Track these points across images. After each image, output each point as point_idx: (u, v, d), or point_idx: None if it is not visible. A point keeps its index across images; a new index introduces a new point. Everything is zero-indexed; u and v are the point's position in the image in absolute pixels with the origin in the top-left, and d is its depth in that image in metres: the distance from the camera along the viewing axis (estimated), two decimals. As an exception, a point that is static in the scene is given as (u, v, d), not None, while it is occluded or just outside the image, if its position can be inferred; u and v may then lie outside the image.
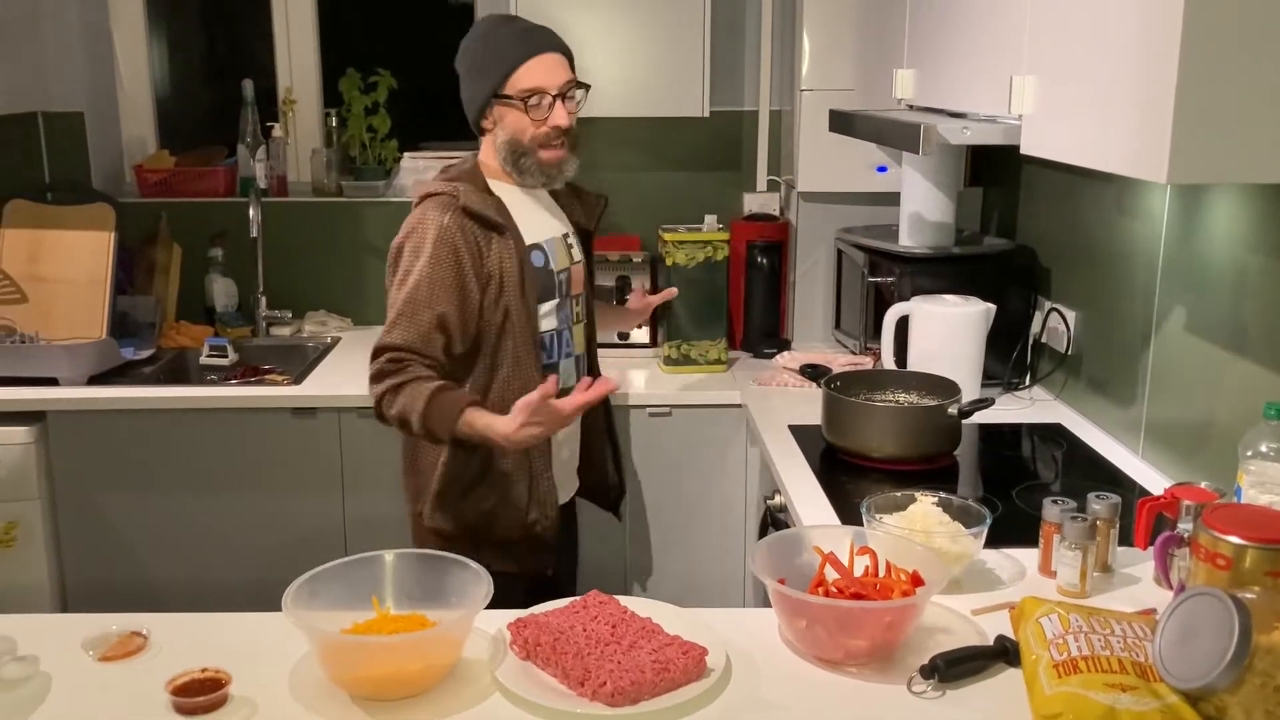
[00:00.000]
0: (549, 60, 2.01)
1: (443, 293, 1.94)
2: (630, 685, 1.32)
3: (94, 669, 1.43)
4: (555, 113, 2.01)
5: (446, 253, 1.94)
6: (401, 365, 1.93)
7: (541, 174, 2.05)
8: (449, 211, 1.96)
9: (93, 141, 3.28)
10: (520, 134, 2.02)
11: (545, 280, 2.07)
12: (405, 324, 1.94)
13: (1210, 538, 1.42)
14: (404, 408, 1.91)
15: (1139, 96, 1.42)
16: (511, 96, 2.00)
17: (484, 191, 2.02)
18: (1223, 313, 1.91)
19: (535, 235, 2.07)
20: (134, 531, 2.80)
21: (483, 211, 1.97)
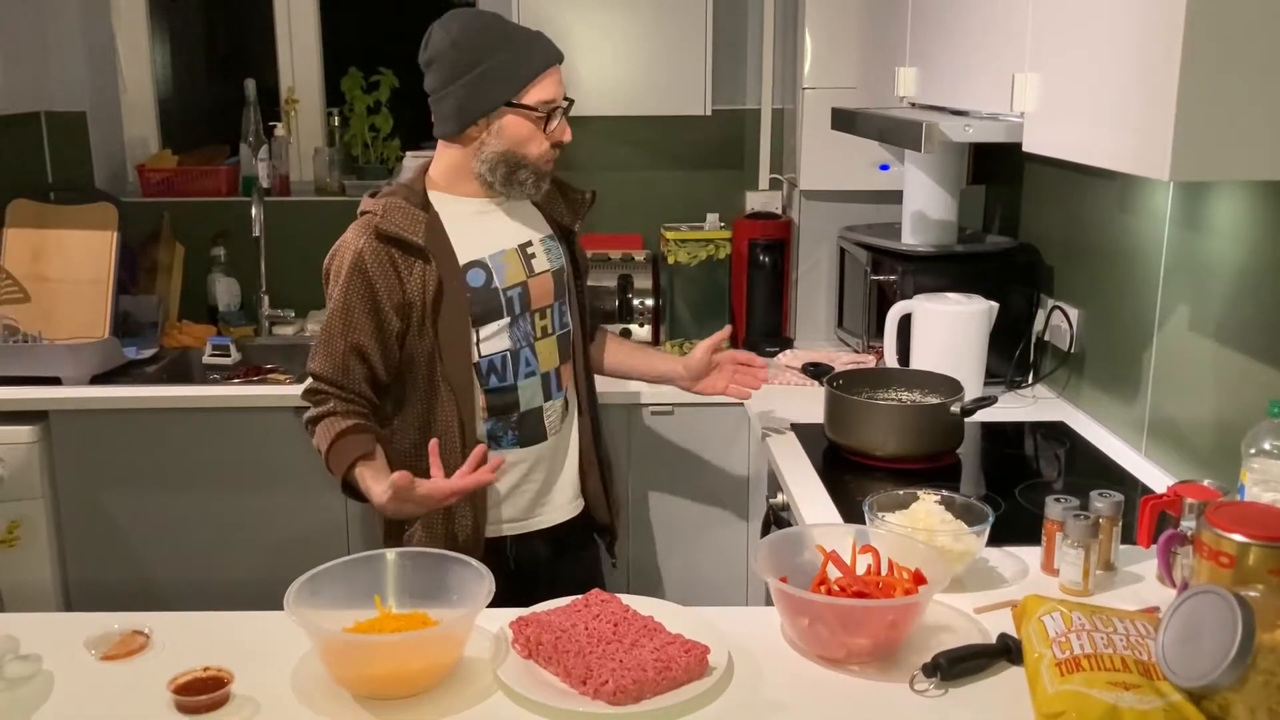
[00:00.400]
0: (558, 71, 1.93)
1: (356, 321, 1.86)
2: (632, 684, 1.32)
3: (96, 668, 1.43)
4: (562, 126, 1.93)
5: (359, 281, 1.86)
6: (320, 399, 1.90)
7: (533, 187, 1.94)
8: (364, 235, 1.86)
9: (95, 141, 3.28)
10: (522, 145, 1.89)
11: (486, 300, 1.91)
12: (323, 352, 1.89)
13: (1213, 535, 1.42)
14: (317, 443, 1.91)
15: (1141, 94, 1.41)
16: (531, 107, 1.88)
17: (419, 207, 1.89)
18: (1226, 310, 1.91)
19: (476, 251, 1.92)
20: (137, 530, 2.80)
21: (400, 234, 1.85)
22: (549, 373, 2.00)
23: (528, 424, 1.99)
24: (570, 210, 2.08)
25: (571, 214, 2.08)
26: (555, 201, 2.06)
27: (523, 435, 1.99)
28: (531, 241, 1.99)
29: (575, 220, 2.08)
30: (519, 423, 1.98)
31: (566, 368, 2.05)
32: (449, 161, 1.94)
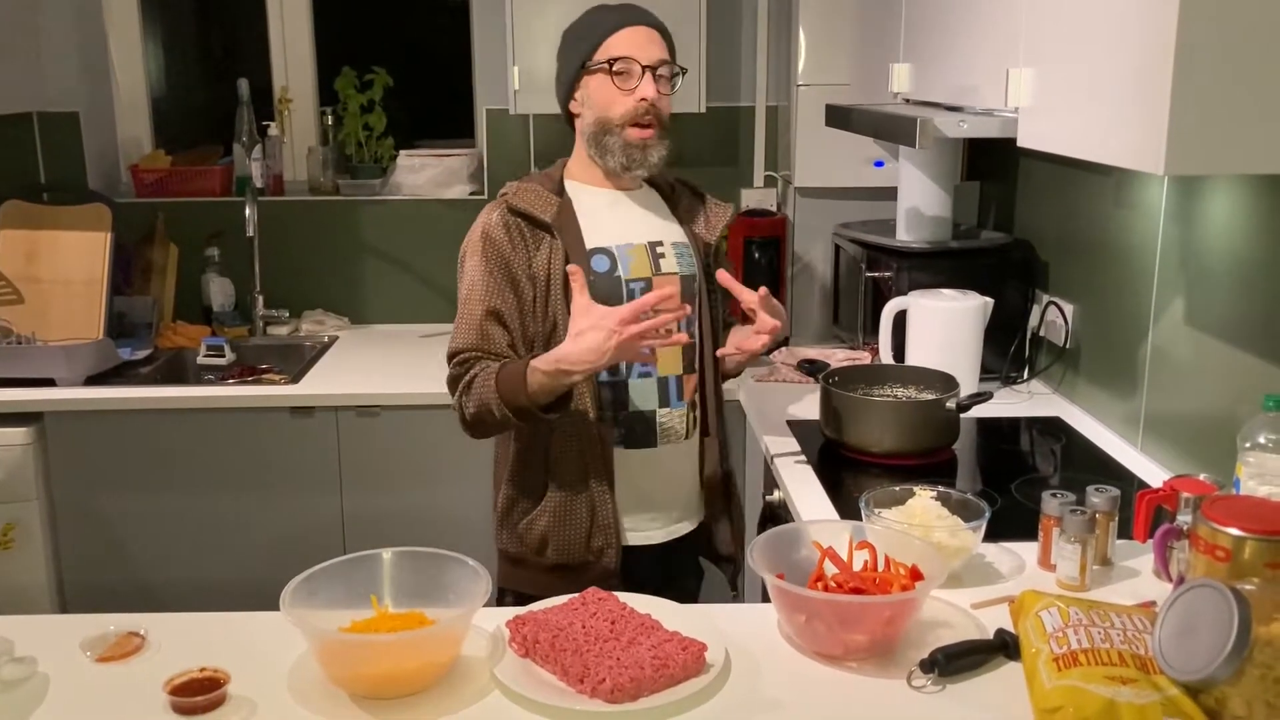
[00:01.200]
0: (642, 32, 1.88)
1: (491, 288, 1.86)
2: (629, 682, 1.31)
3: (92, 670, 1.42)
4: (644, 84, 1.85)
5: (490, 250, 1.87)
6: (464, 368, 1.86)
7: (624, 155, 1.88)
8: (497, 210, 1.90)
9: (88, 142, 3.28)
10: (606, 109, 1.87)
11: (608, 287, 1.87)
12: (463, 326, 1.87)
13: (1209, 529, 1.42)
14: (480, 400, 1.81)
15: (1135, 88, 1.41)
16: (601, 63, 1.87)
17: (552, 192, 1.91)
18: (1221, 304, 1.91)
19: (604, 239, 1.90)
20: (132, 531, 2.79)
21: (528, 210, 1.87)
22: (667, 379, 1.94)
23: (637, 426, 1.93)
24: (709, 224, 2.03)
25: (709, 228, 2.02)
26: (696, 213, 2.03)
27: (630, 437, 1.93)
28: (663, 242, 1.96)
29: (711, 234, 2.02)
30: (626, 423, 1.92)
31: (691, 379, 1.97)
32: (576, 150, 1.98)
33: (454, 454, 2.78)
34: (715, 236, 2.02)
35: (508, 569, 2.01)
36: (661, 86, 1.89)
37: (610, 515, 1.91)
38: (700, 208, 2.04)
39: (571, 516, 1.91)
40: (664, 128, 1.91)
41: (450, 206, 3.32)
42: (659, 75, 1.88)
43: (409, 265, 3.36)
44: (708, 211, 2.04)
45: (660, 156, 1.91)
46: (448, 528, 2.77)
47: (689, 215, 2.02)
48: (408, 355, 3.08)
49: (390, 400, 2.75)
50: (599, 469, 1.90)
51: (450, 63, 3.48)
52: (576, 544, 1.91)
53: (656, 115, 1.88)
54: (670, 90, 1.92)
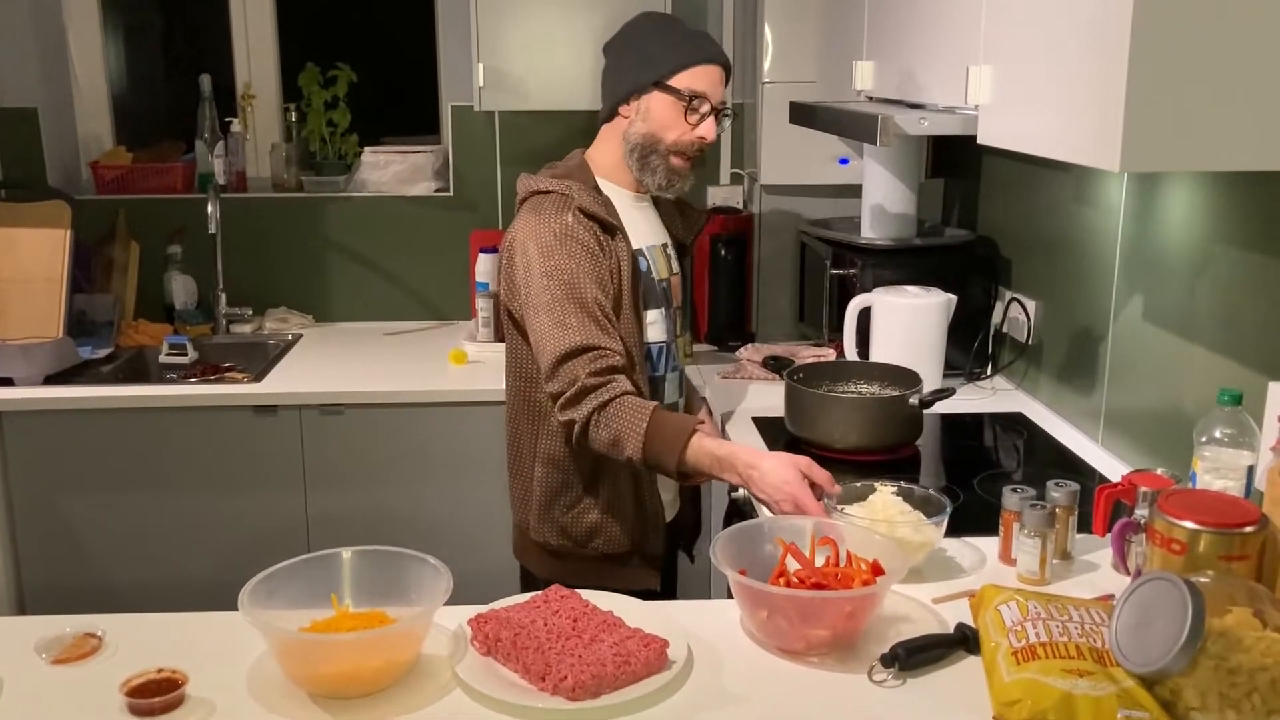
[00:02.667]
0: (718, 73, 1.93)
1: (586, 280, 1.83)
2: (591, 679, 1.31)
3: (47, 672, 1.40)
4: (707, 124, 1.91)
5: (577, 246, 1.85)
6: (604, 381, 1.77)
7: (664, 178, 1.94)
8: (567, 210, 1.87)
9: (47, 138, 3.23)
10: (663, 131, 1.91)
11: (651, 286, 1.96)
12: (574, 322, 1.80)
13: (1165, 523, 1.44)
14: (617, 433, 1.75)
15: (1091, 85, 1.43)
16: (677, 90, 1.89)
17: (594, 190, 1.94)
18: (1179, 301, 1.93)
19: (639, 240, 1.96)
20: (93, 532, 2.76)
21: (596, 211, 1.88)
22: (680, 370, 2.09)
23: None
24: (686, 228, 2.13)
25: (686, 231, 2.13)
26: (674, 216, 2.12)
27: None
28: (668, 245, 2.07)
29: (687, 236, 2.13)
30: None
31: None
32: (609, 147, 1.99)
33: (419, 452, 2.77)
34: (690, 239, 2.14)
35: (547, 560, 2.01)
36: (718, 127, 1.96)
37: (657, 506, 1.99)
38: (678, 212, 2.13)
39: (621, 510, 1.96)
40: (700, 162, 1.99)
41: (415, 204, 3.30)
42: (722, 114, 1.95)
43: (373, 263, 3.34)
44: (685, 215, 2.14)
45: (688, 185, 1.98)
46: (413, 526, 2.76)
47: (670, 217, 2.11)
48: (372, 353, 3.06)
49: (354, 399, 2.74)
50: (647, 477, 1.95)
51: (415, 59, 3.47)
52: (625, 535, 1.97)
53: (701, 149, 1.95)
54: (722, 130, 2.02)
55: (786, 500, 1.70)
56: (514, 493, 2.06)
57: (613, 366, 1.79)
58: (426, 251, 3.32)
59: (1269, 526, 1.41)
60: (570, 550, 1.98)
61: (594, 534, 1.96)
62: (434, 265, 3.33)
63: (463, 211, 3.30)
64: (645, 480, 1.96)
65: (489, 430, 2.72)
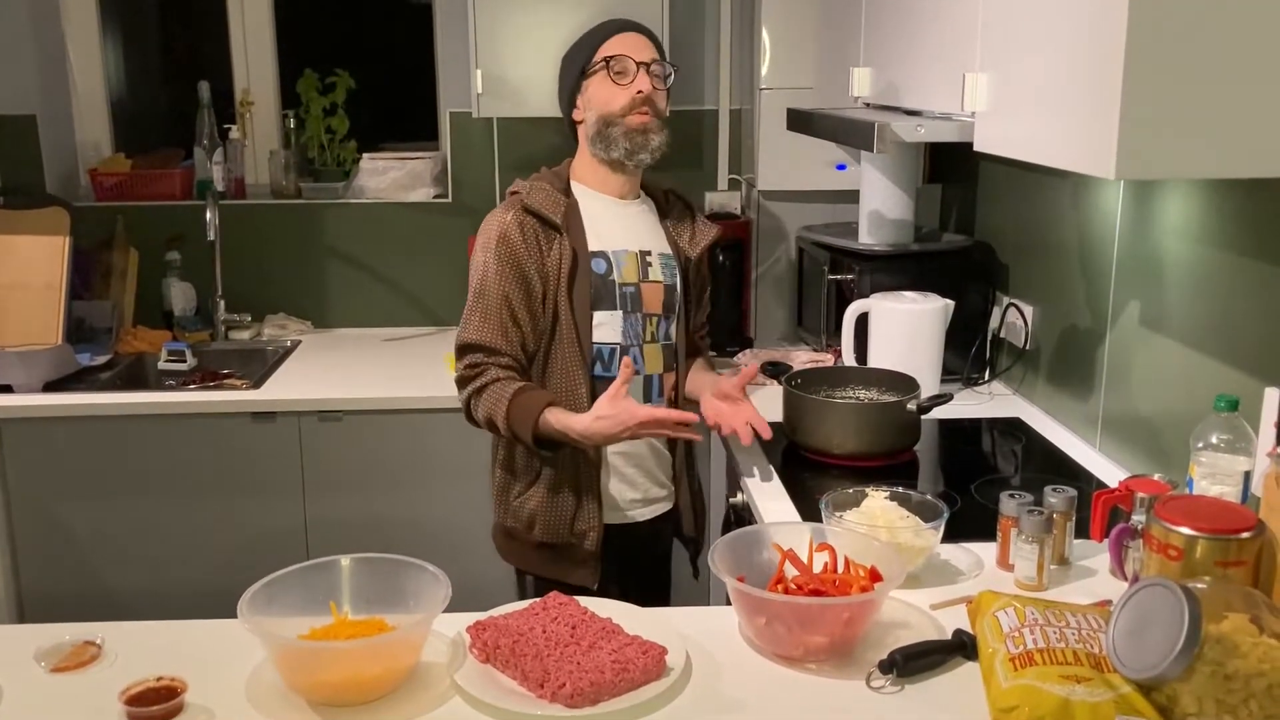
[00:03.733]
0: (633, 37, 2.03)
1: (506, 283, 1.97)
2: (590, 686, 1.32)
3: (46, 681, 1.40)
4: (640, 78, 2.00)
5: (505, 249, 1.97)
6: (478, 369, 1.98)
7: (628, 142, 2.00)
8: (512, 209, 2.00)
9: (46, 144, 3.23)
10: (605, 105, 2.01)
11: (603, 288, 2.02)
12: (478, 320, 1.99)
13: (1162, 529, 1.44)
14: (488, 412, 1.96)
15: (1087, 93, 1.43)
16: (597, 64, 2.01)
17: (560, 192, 2.03)
18: (1176, 306, 1.94)
19: (603, 244, 2.03)
20: (92, 540, 2.76)
21: (541, 210, 1.99)
22: (653, 376, 2.09)
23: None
24: (692, 240, 2.15)
25: (692, 244, 2.14)
26: (684, 227, 2.15)
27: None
28: (651, 252, 2.09)
29: (693, 250, 2.14)
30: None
31: (670, 376, 2.12)
32: (581, 152, 2.09)
33: (418, 459, 2.77)
34: (696, 253, 2.15)
35: (503, 541, 2.15)
36: (655, 83, 2.02)
37: (595, 503, 2.04)
38: (688, 222, 2.16)
39: (559, 501, 2.04)
40: (662, 121, 2.03)
41: (413, 210, 3.30)
42: (653, 72, 2.02)
43: (372, 269, 3.34)
44: (694, 228, 2.16)
45: (660, 143, 2.02)
46: (412, 533, 2.76)
47: (677, 228, 2.14)
48: (371, 359, 3.06)
49: (353, 405, 2.74)
50: (587, 459, 2.02)
51: (413, 65, 3.47)
52: (562, 526, 2.05)
53: (653, 107, 2.01)
54: (664, 86, 2.05)
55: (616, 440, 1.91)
56: (490, 483, 2.17)
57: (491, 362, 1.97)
58: (425, 257, 3.33)
59: (1265, 532, 1.41)
60: (520, 534, 2.09)
61: (533, 521, 2.06)
62: (432, 271, 3.33)
63: (461, 218, 3.30)
64: (585, 476, 2.03)
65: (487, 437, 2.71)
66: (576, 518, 2.04)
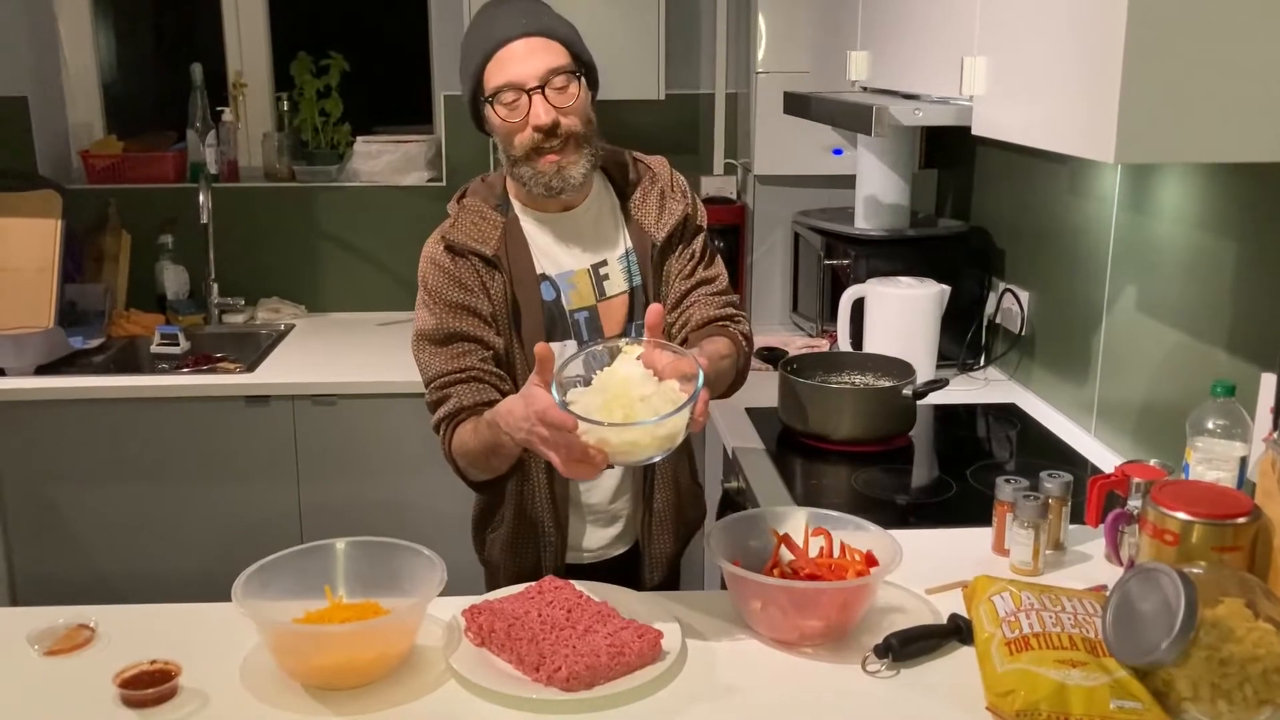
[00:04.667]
0: (519, 48, 1.65)
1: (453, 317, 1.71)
2: (585, 669, 1.31)
3: (40, 664, 1.40)
4: (534, 110, 1.64)
5: (437, 281, 1.72)
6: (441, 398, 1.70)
7: (542, 185, 1.68)
8: (439, 245, 1.73)
9: (37, 126, 3.21)
10: (506, 141, 1.68)
11: (555, 317, 1.74)
12: (427, 356, 1.72)
13: (1158, 514, 1.44)
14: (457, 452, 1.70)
15: (1086, 76, 1.42)
16: (487, 97, 1.68)
17: (496, 209, 1.74)
18: (1172, 292, 1.93)
19: (548, 266, 1.75)
20: (85, 523, 2.75)
21: (469, 245, 1.71)
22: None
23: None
24: (658, 221, 1.79)
25: (657, 226, 1.79)
26: (648, 207, 1.80)
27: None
28: (607, 260, 1.78)
29: (659, 232, 1.78)
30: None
31: None
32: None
33: (412, 443, 2.76)
34: (661, 237, 1.78)
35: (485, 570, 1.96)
36: (558, 100, 1.65)
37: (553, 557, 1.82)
38: (654, 200, 1.80)
39: (520, 551, 1.84)
40: (578, 140, 1.68)
41: (408, 193, 3.29)
42: (553, 86, 1.65)
43: (366, 253, 3.33)
44: (663, 206, 1.80)
45: (583, 171, 1.69)
46: (406, 518, 2.76)
47: (641, 208, 1.80)
48: (365, 343, 3.06)
49: (347, 389, 2.73)
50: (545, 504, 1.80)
51: (408, 48, 3.45)
52: (524, 574, 1.79)
53: (565, 132, 1.66)
54: (575, 96, 1.67)
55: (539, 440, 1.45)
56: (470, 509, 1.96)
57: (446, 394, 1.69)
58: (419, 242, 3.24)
59: (1261, 517, 1.42)
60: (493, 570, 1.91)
61: (499, 566, 1.87)
62: (427, 255, 3.31)
63: (455, 201, 3.29)
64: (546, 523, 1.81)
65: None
66: (538, 569, 1.81)
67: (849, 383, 2.29)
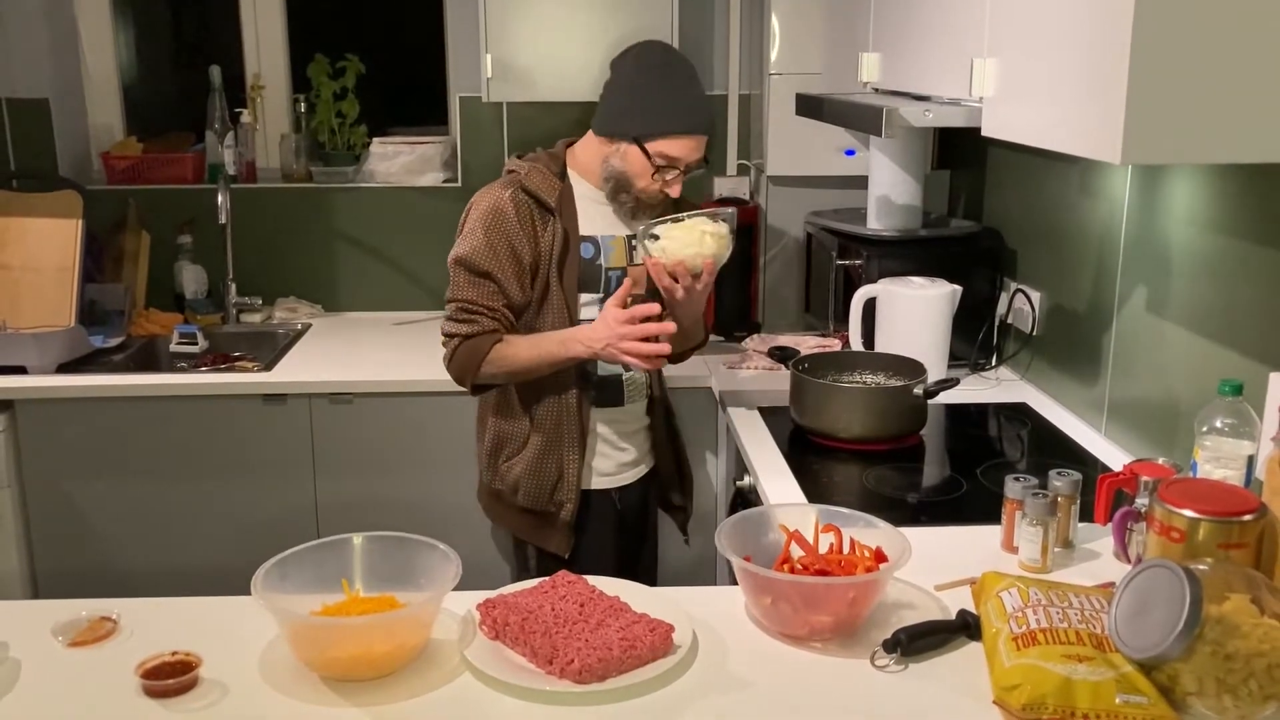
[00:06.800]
0: (694, 141, 2.07)
1: (495, 255, 2.05)
2: (597, 662, 1.33)
3: (64, 655, 1.42)
4: (674, 185, 2.09)
5: (497, 222, 2.05)
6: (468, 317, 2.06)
7: (630, 214, 2.12)
8: (510, 187, 2.08)
9: (59, 128, 3.24)
10: (634, 178, 2.08)
11: (589, 272, 2.12)
12: (465, 279, 2.06)
13: (1165, 511, 1.45)
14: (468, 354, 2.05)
15: (1093, 78, 1.44)
16: (650, 154, 2.05)
17: (556, 175, 2.11)
18: (1182, 292, 1.94)
19: (592, 229, 2.13)
20: (105, 519, 2.79)
21: (537, 192, 2.07)
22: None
23: (607, 388, 2.18)
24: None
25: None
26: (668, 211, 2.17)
27: (600, 397, 2.17)
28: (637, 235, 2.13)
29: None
30: (600, 385, 2.17)
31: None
32: (591, 151, 2.14)
33: (428, 441, 2.79)
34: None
35: (489, 502, 2.28)
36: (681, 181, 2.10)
37: (575, 475, 2.14)
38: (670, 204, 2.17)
39: (542, 470, 2.14)
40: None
41: (423, 194, 3.31)
42: (688, 173, 2.10)
43: (382, 253, 3.35)
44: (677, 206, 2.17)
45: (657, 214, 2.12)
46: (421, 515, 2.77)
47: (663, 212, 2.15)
48: (381, 342, 3.08)
49: (363, 388, 2.76)
50: (572, 430, 2.13)
51: (423, 50, 3.48)
52: (543, 494, 2.15)
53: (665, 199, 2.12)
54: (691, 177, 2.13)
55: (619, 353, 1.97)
56: (478, 445, 2.28)
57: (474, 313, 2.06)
58: (434, 242, 3.33)
59: (1267, 515, 1.43)
60: (506, 497, 2.20)
61: (517, 487, 2.16)
62: (441, 255, 3.24)
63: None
64: (567, 450, 2.13)
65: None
66: (556, 488, 2.14)
67: (861, 382, 2.30)
